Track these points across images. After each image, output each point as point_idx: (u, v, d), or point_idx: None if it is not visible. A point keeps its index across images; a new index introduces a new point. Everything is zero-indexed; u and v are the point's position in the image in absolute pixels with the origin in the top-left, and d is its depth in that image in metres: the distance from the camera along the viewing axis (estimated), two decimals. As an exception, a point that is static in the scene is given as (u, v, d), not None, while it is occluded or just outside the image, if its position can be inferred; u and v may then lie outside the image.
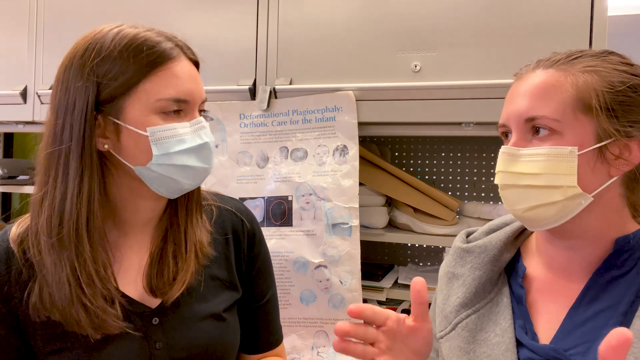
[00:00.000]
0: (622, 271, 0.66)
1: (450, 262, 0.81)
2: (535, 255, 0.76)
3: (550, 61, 0.68)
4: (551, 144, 0.64)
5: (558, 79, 0.65)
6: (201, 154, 0.74)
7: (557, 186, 0.64)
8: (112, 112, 0.70)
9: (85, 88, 0.68)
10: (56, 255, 0.69)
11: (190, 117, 0.73)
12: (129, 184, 0.74)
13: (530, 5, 1.19)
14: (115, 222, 0.76)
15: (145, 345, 0.74)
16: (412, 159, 1.73)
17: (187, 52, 0.75)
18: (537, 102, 0.65)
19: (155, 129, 0.69)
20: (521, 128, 0.67)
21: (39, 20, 1.69)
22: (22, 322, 0.72)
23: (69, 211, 0.68)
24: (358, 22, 1.34)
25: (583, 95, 0.63)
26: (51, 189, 0.70)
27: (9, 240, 0.73)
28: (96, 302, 0.69)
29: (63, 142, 0.69)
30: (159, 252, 0.77)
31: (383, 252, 1.76)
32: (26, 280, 0.71)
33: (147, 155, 0.70)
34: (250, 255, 0.88)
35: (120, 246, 0.77)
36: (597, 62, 0.66)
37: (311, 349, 1.37)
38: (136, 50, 0.69)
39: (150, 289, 0.75)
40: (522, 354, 0.68)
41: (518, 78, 0.71)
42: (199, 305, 0.79)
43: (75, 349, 0.71)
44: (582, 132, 0.63)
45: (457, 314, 0.75)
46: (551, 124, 0.64)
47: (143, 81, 0.69)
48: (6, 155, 2.28)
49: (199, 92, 0.74)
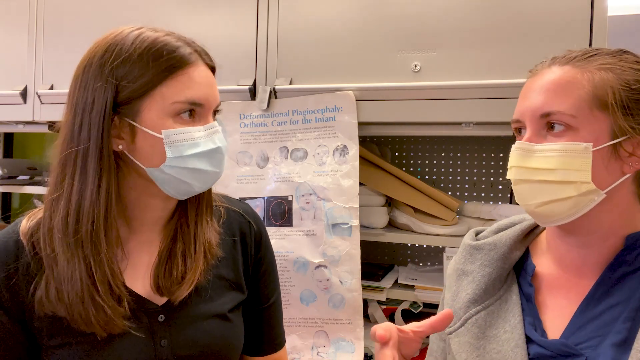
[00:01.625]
0: (632, 267, 0.66)
1: (459, 259, 0.81)
2: (545, 253, 0.76)
3: (565, 58, 0.68)
4: (566, 140, 0.64)
5: (575, 75, 0.66)
6: (214, 158, 0.75)
7: (571, 182, 0.64)
8: (128, 114, 0.70)
9: (104, 89, 0.69)
10: (70, 253, 0.69)
11: (204, 122, 0.75)
12: (140, 184, 0.75)
13: (530, 5, 1.19)
14: (125, 220, 0.77)
15: (150, 342, 0.74)
16: (412, 159, 1.73)
17: (205, 57, 0.76)
18: (553, 97, 0.65)
19: (170, 132, 0.70)
20: (536, 123, 0.67)
21: (39, 20, 1.69)
22: (27, 315, 0.72)
23: (87, 210, 0.69)
24: (358, 22, 1.34)
25: (599, 92, 0.64)
26: (68, 188, 0.70)
27: (20, 233, 0.74)
28: (108, 300, 0.69)
29: (81, 142, 0.70)
30: (167, 251, 0.78)
31: (383, 252, 1.76)
32: (34, 274, 0.72)
33: (161, 158, 0.71)
34: (257, 258, 0.89)
35: (130, 243, 0.77)
36: (613, 60, 0.66)
37: (311, 349, 1.37)
38: (156, 54, 0.70)
39: (157, 288, 0.76)
40: (532, 349, 0.68)
41: (533, 74, 0.71)
42: (205, 305, 0.79)
43: (80, 343, 0.71)
44: (597, 129, 0.64)
45: (466, 310, 0.75)
46: (567, 119, 0.64)
47: (161, 85, 0.70)
48: (6, 155, 2.28)
49: (215, 96, 0.76)
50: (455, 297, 0.78)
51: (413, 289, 1.40)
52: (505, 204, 1.55)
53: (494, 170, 1.64)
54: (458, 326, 0.75)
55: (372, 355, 1.41)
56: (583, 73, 0.65)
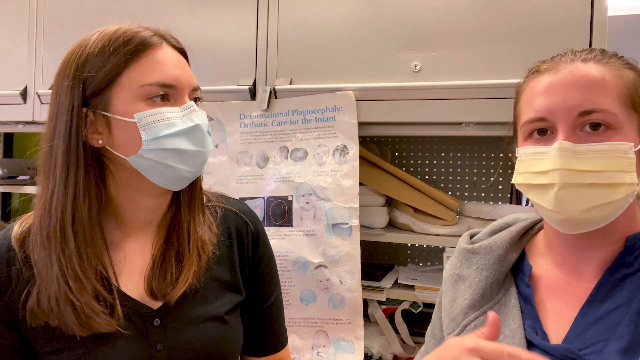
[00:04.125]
0: (633, 269, 0.65)
1: (455, 263, 0.80)
2: (543, 254, 0.75)
3: (585, 56, 0.65)
4: (611, 140, 0.61)
5: (605, 73, 0.63)
6: (194, 136, 0.73)
7: (620, 184, 0.61)
8: (99, 105, 0.71)
9: (72, 87, 0.70)
10: (45, 252, 0.69)
11: (180, 103, 0.73)
12: (128, 179, 0.74)
13: (531, 5, 1.19)
14: (117, 222, 0.76)
15: (146, 346, 0.73)
16: (412, 159, 1.73)
17: (170, 40, 0.76)
18: (593, 94, 0.62)
19: (142, 114, 0.70)
20: (572, 123, 0.63)
21: (39, 20, 1.69)
22: (22, 322, 0.71)
23: (55, 206, 0.69)
24: (358, 22, 1.33)
25: (630, 92, 0.62)
26: (44, 187, 0.71)
27: (11, 239, 0.73)
28: (82, 297, 0.68)
29: (54, 142, 0.71)
30: (161, 255, 0.77)
31: (383, 252, 1.76)
32: (27, 280, 0.71)
33: (138, 143, 0.70)
34: (254, 257, 0.88)
35: (123, 247, 0.77)
36: (627, 61, 0.65)
37: (311, 349, 1.37)
38: (116, 42, 0.70)
39: (150, 292, 0.75)
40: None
41: (552, 69, 0.66)
42: (201, 307, 0.78)
43: (74, 349, 0.70)
44: (634, 129, 0.62)
45: (465, 316, 0.74)
46: (610, 118, 0.61)
47: (125, 70, 0.70)
48: (6, 155, 2.28)
49: (187, 78, 0.74)
50: (453, 303, 0.76)
51: (413, 289, 1.40)
52: (505, 204, 1.55)
53: (494, 170, 1.64)
54: (457, 333, 0.74)
55: (372, 355, 1.40)
56: (613, 71, 0.63)
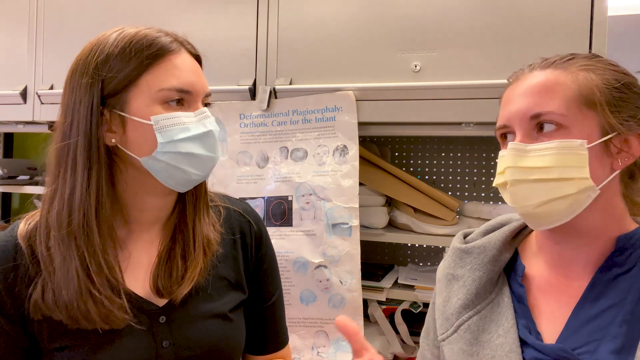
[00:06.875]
0: (624, 269, 0.66)
1: (449, 263, 0.80)
2: (535, 254, 0.76)
3: (545, 63, 0.70)
4: (559, 139, 0.65)
5: (559, 76, 0.67)
6: (206, 142, 0.75)
7: (569, 179, 0.64)
8: (117, 106, 0.72)
9: (90, 85, 0.71)
10: (65, 248, 0.70)
11: (194, 109, 0.75)
12: (137, 178, 0.75)
13: (531, 5, 1.19)
14: (124, 220, 0.77)
15: (152, 343, 0.74)
16: (412, 159, 1.73)
17: (188, 46, 0.77)
18: (542, 98, 0.66)
19: (159, 117, 0.71)
20: (526, 126, 0.67)
21: (39, 20, 1.69)
22: (28, 318, 0.72)
23: (78, 203, 0.70)
24: (358, 22, 1.34)
25: (585, 91, 0.65)
26: (61, 184, 0.72)
27: (17, 237, 0.74)
28: (104, 291, 0.70)
29: (71, 138, 0.71)
30: (167, 253, 0.78)
31: (383, 252, 1.76)
32: (32, 277, 0.72)
33: (153, 145, 0.71)
34: (257, 257, 0.89)
35: (129, 244, 0.78)
36: (590, 62, 0.68)
37: (311, 349, 1.37)
38: (137, 46, 0.71)
39: (156, 290, 0.76)
40: (527, 354, 0.67)
41: (515, 80, 0.72)
42: (206, 305, 0.79)
43: (81, 346, 0.71)
44: (588, 127, 0.65)
45: (458, 316, 0.74)
46: (558, 118, 0.65)
47: (144, 73, 0.71)
48: (6, 155, 2.28)
49: (202, 84, 0.76)
50: (447, 302, 0.77)
51: (413, 289, 1.40)
52: (505, 204, 1.54)
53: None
54: (450, 333, 0.74)
55: (372, 355, 1.40)
56: (566, 74, 0.67)
